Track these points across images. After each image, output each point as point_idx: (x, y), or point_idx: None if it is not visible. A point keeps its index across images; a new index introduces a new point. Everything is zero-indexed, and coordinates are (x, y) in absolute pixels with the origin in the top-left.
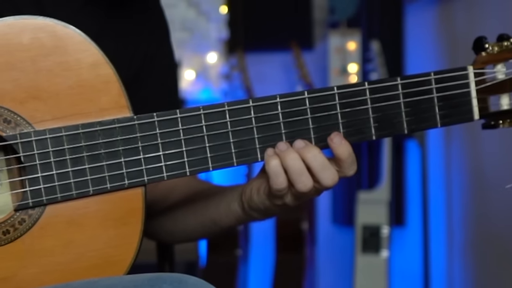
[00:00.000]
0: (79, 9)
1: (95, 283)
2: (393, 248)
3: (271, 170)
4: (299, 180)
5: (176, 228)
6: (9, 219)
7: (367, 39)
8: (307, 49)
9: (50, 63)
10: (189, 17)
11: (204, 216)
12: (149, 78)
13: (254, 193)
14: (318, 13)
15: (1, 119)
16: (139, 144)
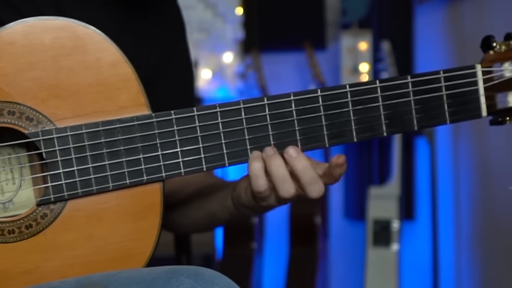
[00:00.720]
0: (98, 9)
1: (115, 275)
2: (403, 241)
3: (252, 173)
4: (282, 186)
5: (184, 219)
6: (32, 214)
7: (378, 39)
8: (320, 49)
9: (71, 62)
10: (206, 19)
11: (205, 210)
12: (166, 76)
13: (242, 192)
14: (330, 14)
15: (24, 117)
16: (157, 141)
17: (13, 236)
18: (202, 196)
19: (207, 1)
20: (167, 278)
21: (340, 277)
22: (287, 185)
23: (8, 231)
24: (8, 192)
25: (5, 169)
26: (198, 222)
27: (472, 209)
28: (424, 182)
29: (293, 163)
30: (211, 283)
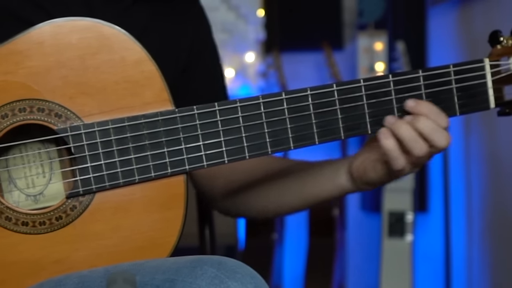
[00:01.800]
0: (126, 9)
1: (141, 265)
2: (417, 232)
3: (390, 154)
4: (415, 146)
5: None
6: (62, 206)
7: (393, 40)
8: (337, 49)
9: (97, 61)
10: (229, 20)
11: (303, 192)
12: (197, 71)
13: (370, 171)
14: (347, 16)
15: (53, 114)
16: (181, 135)
17: (44, 228)
18: (292, 179)
19: (230, 3)
20: (191, 267)
21: (357, 267)
22: (419, 144)
23: (39, 222)
24: (38, 185)
25: (36, 164)
26: (292, 204)
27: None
28: (436, 176)
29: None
30: (234, 272)
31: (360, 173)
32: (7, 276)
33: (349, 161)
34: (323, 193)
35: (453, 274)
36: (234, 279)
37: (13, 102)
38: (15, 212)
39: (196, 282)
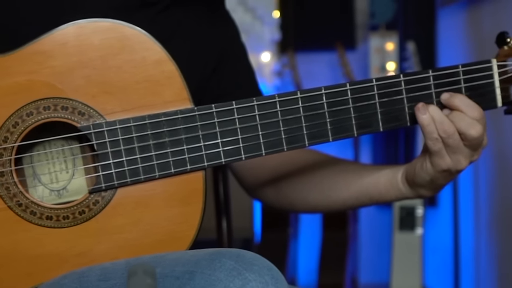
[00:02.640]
0: (157, 13)
1: (162, 257)
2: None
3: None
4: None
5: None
6: (85, 201)
7: (404, 40)
8: (350, 49)
9: (119, 61)
10: (246, 21)
11: (361, 189)
12: (228, 75)
13: (419, 170)
14: (360, 17)
15: (76, 112)
16: (200, 133)
17: (67, 222)
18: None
19: (246, 5)
20: (210, 259)
21: (369, 259)
22: (446, 125)
23: (62, 216)
24: (62, 180)
25: (59, 160)
26: (345, 202)
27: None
28: None
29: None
30: (251, 264)
31: (412, 175)
32: (32, 268)
33: (405, 166)
34: (382, 193)
35: (461, 266)
36: (252, 271)
37: (38, 101)
38: (39, 207)
39: (214, 274)
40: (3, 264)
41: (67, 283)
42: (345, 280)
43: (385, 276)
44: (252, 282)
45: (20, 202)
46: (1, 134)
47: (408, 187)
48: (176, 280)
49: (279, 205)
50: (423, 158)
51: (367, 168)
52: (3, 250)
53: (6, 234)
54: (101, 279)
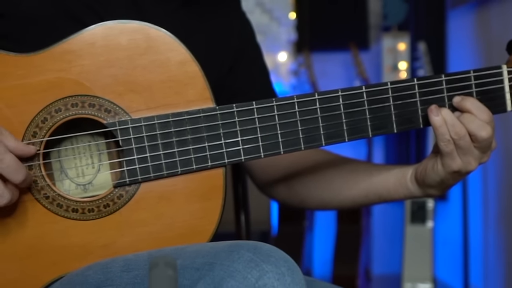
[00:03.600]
0: (174, 11)
1: (183, 249)
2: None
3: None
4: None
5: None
6: (109, 195)
7: (415, 40)
8: (363, 49)
9: (145, 61)
10: (263, 22)
11: (370, 188)
12: (243, 69)
13: (430, 170)
14: (373, 18)
15: (103, 109)
16: (221, 131)
17: (93, 214)
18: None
19: (264, 7)
20: (229, 251)
21: (381, 251)
22: (457, 127)
23: (88, 209)
24: (88, 175)
25: (86, 155)
26: (354, 200)
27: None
28: None
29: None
30: (268, 255)
31: (423, 175)
32: (58, 258)
33: (415, 166)
34: (391, 192)
35: (470, 257)
36: (269, 262)
37: (66, 98)
38: (66, 200)
39: (233, 265)
40: (30, 254)
41: (91, 273)
42: (358, 271)
43: (397, 267)
44: (269, 273)
45: (48, 195)
46: (31, 129)
47: (417, 186)
48: (196, 271)
49: (290, 202)
50: (434, 159)
51: (376, 168)
52: (30, 241)
53: (34, 226)
54: (124, 270)
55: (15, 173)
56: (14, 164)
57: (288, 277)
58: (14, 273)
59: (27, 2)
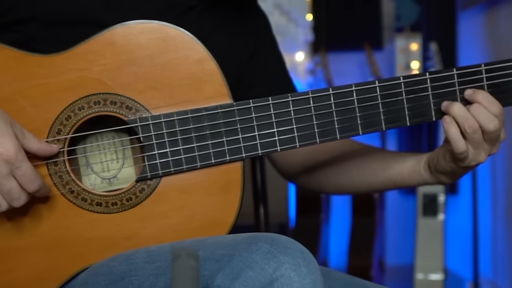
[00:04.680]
0: (197, 13)
1: (203, 241)
2: (448, 212)
3: (451, 137)
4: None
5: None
6: (132, 189)
7: (427, 41)
8: (377, 49)
9: (164, 59)
10: (281, 23)
11: (384, 176)
12: (261, 65)
13: (441, 159)
14: (386, 20)
15: (124, 106)
16: (238, 126)
17: (116, 208)
18: (377, 163)
19: (282, 9)
20: (247, 243)
21: (394, 243)
22: (471, 121)
23: (111, 203)
24: (112, 169)
25: (110, 150)
26: (370, 186)
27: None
28: None
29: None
30: (285, 247)
31: (434, 162)
32: (84, 250)
33: (428, 154)
34: (403, 181)
35: (480, 249)
36: (286, 253)
37: (89, 96)
38: (90, 194)
39: (251, 257)
40: (57, 247)
41: (116, 264)
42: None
43: (410, 258)
44: (286, 264)
45: (72, 189)
46: (55, 126)
47: (430, 173)
48: (216, 262)
49: (309, 186)
50: (445, 149)
51: (392, 155)
52: (57, 234)
53: (59, 219)
54: (147, 261)
55: (30, 183)
56: (29, 172)
57: (304, 267)
58: (42, 265)
59: (50, 7)
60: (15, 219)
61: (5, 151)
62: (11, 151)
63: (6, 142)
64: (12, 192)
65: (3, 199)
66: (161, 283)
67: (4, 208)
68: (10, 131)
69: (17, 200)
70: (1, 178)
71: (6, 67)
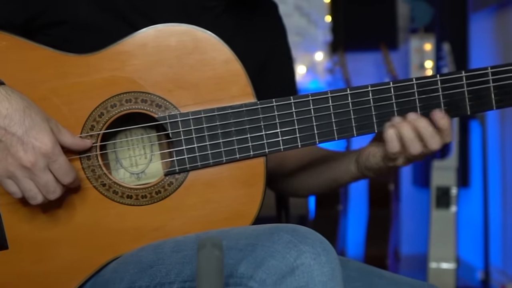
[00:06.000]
0: (217, 16)
1: (228, 232)
2: (460, 204)
3: (388, 137)
4: (412, 145)
5: (302, 185)
6: (161, 182)
7: (440, 41)
8: (393, 49)
9: (192, 60)
10: (302, 25)
11: (327, 176)
12: (272, 68)
13: (371, 157)
14: (401, 21)
15: (154, 104)
16: (261, 123)
17: (145, 200)
18: (320, 165)
19: (302, 11)
20: (269, 233)
21: (409, 233)
22: (416, 144)
23: (141, 196)
24: (141, 164)
25: (139, 146)
26: (318, 187)
27: None
28: (477, 157)
29: (415, 123)
30: (305, 237)
31: (364, 159)
32: (114, 240)
33: (359, 150)
34: (341, 179)
35: (490, 239)
36: (306, 243)
37: (121, 94)
38: (121, 187)
39: (273, 246)
40: (89, 237)
41: (145, 254)
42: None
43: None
44: (306, 253)
45: (104, 183)
46: (88, 123)
47: (357, 170)
48: (240, 251)
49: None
50: (376, 149)
51: (334, 157)
52: (88, 225)
53: (92, 211)
54: (174, 251)
55: (65, 175)
56: (65, 166)
57: (323, 256)
58: (76, 255)
59: (84, 10)
60: (49, 211)
61: (42, 145)
62: (48, 145)
63: (43, 137)
64: (49, 185)
65: (39, 192)
66: (187, 271)
67: (40, 201)
68: (46, 126)
69: (52, 193)
70: (39, 171)
71: (42, 66)
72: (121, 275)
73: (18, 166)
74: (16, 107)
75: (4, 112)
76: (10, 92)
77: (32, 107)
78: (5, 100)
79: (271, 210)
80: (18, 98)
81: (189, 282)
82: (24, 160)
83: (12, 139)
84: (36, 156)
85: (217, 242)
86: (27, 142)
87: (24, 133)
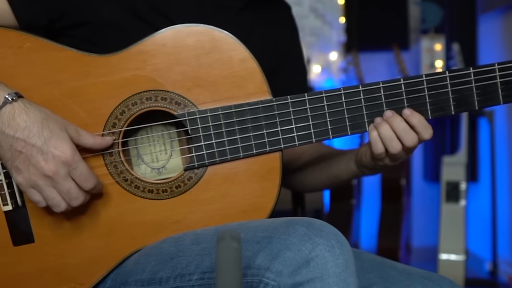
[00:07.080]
0: (234, 15)
1: (245, 225)
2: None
3: (371, 139)
4: (390, 144)
5: (307, 181)
6: (180, 177)
7: (450, 42)
8: (404, 50)
9: (210, 59)
10: (317, 26)
11: (329, 172)
12: (285, 69)
13: (363, 156)
14: (413, 22)
15: (173, 102)
16: (277, 120)
17: (166, 194)
18: (323, 162)
19: (317, 12)
20: (285, 226)
21: (420, 227)
22: (394, 143)
23: (162, 190)
24: (161, 160)
25: (159, 142)
26: (321, 182)
27: None
28: (485, 152)
29: (390, 121)
30: (320, 230)
31: (359, 158)
32: (136, 233)
33: (358, 149)
34: (342, 175)
35: (498, 232)
36: (321, 236)
37: (141, 92)
38: (142, 182)
39: (289, 239)
40: (112, 230)
41: (166, 246)
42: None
43: (434, 241)
44: (320, 246)
45: (126, 178)
46: (110, 120)
47: (356, 167)
48: (257, 244)
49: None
50: (366, 149)
51: (335, 155)
52: (112, 219)
53: (114, 205)
54: (194, 243)
55: (86, 181)
56: (86, 172)
57: (337, 249)
58: (99, 248)
59: (105, 11)
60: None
61: (62, 154)
62: (68, 153)
63: (62, 146)
64: (71, 192)
65: (62, 199)
66: (206, 263)
67: (63, 208)
68: (65, 135)
69: (75, 199)
70: (60, 179)
71: (66, 67)
72: (143, 266)
73: (40, 176)
74: (34, 119)
75: (22, 125)
76: (28, 105)
77: (49, 117)
78: (23, 113)
79: (288, 204)
80: (36, 110)
81: (208, 273)
82: (46, 169)
83: (32, 150)
84: (56, 165)
85: (235, 234)
86: (47, 152)
87: (44, 144)
